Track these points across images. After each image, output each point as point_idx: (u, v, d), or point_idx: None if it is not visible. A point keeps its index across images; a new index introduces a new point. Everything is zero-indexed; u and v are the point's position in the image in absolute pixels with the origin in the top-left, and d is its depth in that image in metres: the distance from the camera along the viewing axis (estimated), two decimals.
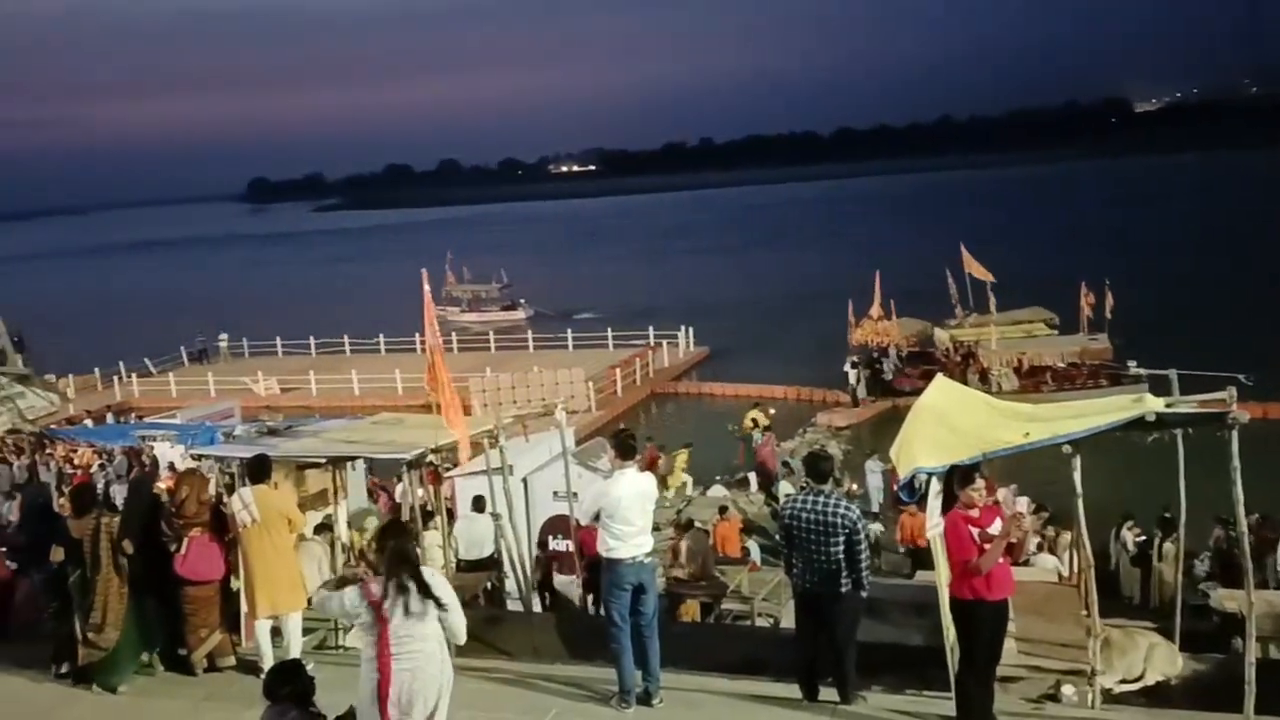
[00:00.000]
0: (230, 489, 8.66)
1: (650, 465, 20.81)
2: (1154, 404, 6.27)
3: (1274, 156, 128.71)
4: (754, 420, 23.23)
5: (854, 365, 29.77)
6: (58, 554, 7.56)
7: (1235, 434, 5.93)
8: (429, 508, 14.36)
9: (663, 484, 20.72)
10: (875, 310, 31.32)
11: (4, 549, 10.61)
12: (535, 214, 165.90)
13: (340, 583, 5.35)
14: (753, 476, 21.26)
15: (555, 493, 12.93)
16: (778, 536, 14.97)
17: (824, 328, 35.52)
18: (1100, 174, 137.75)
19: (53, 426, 13.34)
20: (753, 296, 52.77)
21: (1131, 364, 26.57)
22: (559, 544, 12.98)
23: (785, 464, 21.87)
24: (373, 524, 10.57)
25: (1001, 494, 14.54)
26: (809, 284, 53.45)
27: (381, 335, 42.24)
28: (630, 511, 6.68)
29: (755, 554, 14.39)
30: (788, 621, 10.70)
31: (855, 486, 18.81)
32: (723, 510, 15.72)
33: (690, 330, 39.27)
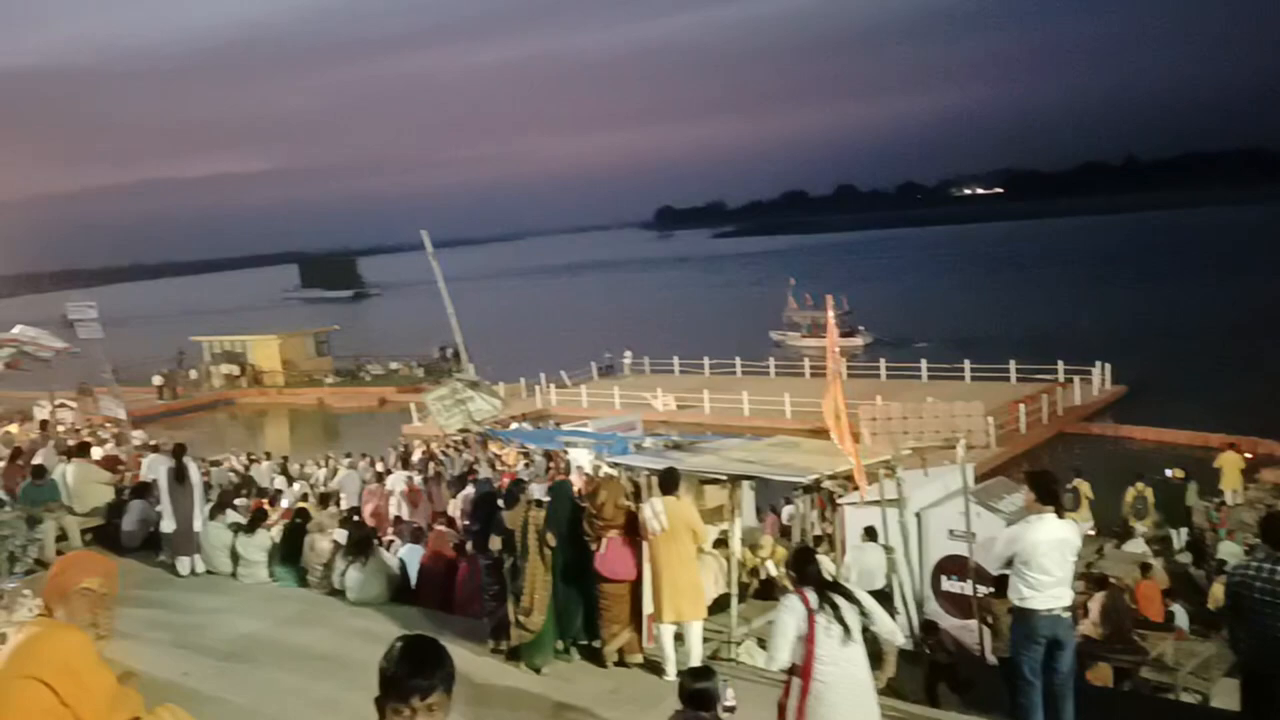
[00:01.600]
0: (637, 496, 9.24)
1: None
2: None
3: None
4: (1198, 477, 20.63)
5: None
6: (495, 543, 8.52)
7: None
8: (818, 533, 14.44)
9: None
10: None
11: (450, 533, 12.17)
12: (934, 239, 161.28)
13: None
14: (1178, 533, 18.98)
15: (951, 531, 12.40)
16: (1214, 606, 13.23)
17: (1270, 370, 31.02)
18: None
19: (491, 428, 15.16)
20: (1182, 331, 47.31)
21: None
22: (953, 585, 12.43)
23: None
24: (768, 543, 10.81)
25: None
26: (1252, 319, 46.95)
27: (772, 359, 43.23)
28: (1048, 560, 6.25)
29: (1181, 620, 12.82)
30: (1220, 700, 9.48)
31: None
32: (1145, 568, 14.20)
33: (1106, 366, 36.01)
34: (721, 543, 11.00)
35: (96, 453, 17.29)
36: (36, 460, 14.35)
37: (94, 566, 3.78)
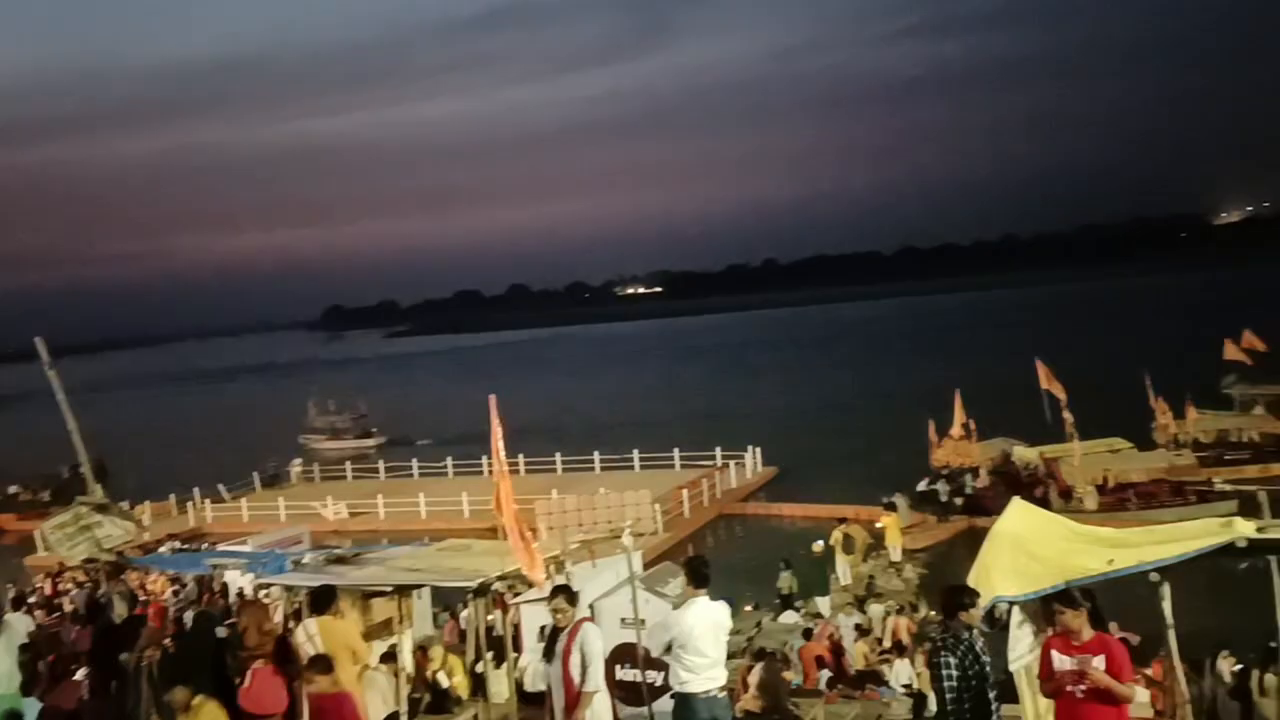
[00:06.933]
0: (299, 617, 8.64)
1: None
2: (1244, 529, 5.98)
3: None
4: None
5: (930, 484, 29.36)
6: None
7: None
8: (496, 635, 14.17)
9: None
10: (956, 430, 30.84)
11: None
12: (600, 336, 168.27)
13: None
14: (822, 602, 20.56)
15: (623, 620, 12.66)
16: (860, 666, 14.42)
17: (897, 447, 34.91)
18: (1171, 288, 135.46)
19: (128, 554, 13.59)
20: (821, 416, 52.30)
21: (1217, 480, 25.79)
22: (626, 673, 12.63)
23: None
24: (438, 654, 10.43)
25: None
26: (880, 403, 52.91)
27: (449, 459, 42.66)
28: (703, 642, 6.51)
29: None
30: None
31: (932, 613, 18.13)
32: (807, 634, 15.23)
33: (758, 450, 38.89)
34: (392, 656, 10.50)
35: None
36: None
37: None
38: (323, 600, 7.69)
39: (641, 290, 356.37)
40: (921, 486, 29.53)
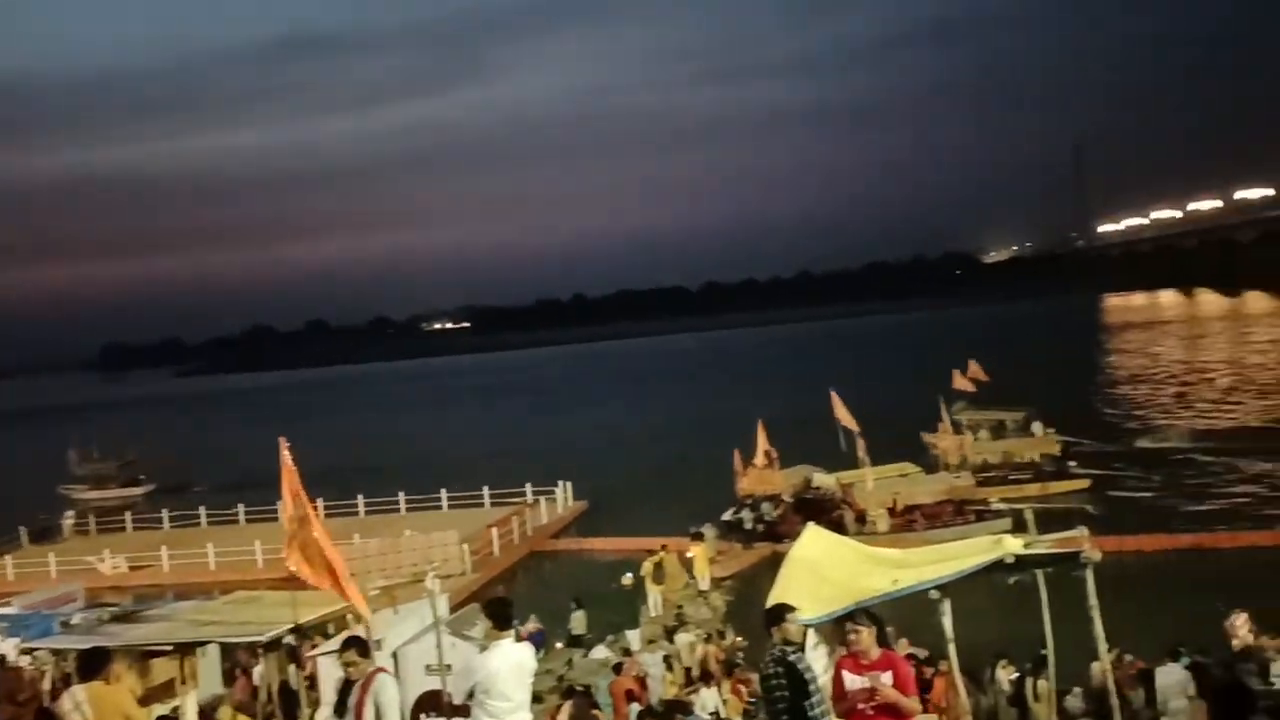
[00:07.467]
0: (70, 683, 7.93)
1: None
2: (1012, 545, 6.45)
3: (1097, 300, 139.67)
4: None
5: (735, 513, 30.19)
6: None
7: (1090, 572, 6.13)
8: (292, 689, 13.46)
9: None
10: (759, 458, 31.83)
11: None
12: (404, 373, 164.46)
13: None
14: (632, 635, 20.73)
15: (428, 666, 12.30)
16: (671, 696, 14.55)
17: (705, 478, 35.68)
18: (945, 322, 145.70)
19: None
20: (630, 449, 52.88)
21: (993, 500, 27.81)
22: None
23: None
24: (226, 713, 9.79)
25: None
26: (687, 435, 53.99)
27: (241, 505, 40.40)
28: (507, 686, 6.40)
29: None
30: None
31: (739, 639, 18.59)
32: (617, 668, 15.24)
33: (569, 485, 38.87)
34: None
35: None
36: None
37: None
38: (93, 664, 7.05)
39: (449, 325, 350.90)
40: (727, 516, 30.30)
